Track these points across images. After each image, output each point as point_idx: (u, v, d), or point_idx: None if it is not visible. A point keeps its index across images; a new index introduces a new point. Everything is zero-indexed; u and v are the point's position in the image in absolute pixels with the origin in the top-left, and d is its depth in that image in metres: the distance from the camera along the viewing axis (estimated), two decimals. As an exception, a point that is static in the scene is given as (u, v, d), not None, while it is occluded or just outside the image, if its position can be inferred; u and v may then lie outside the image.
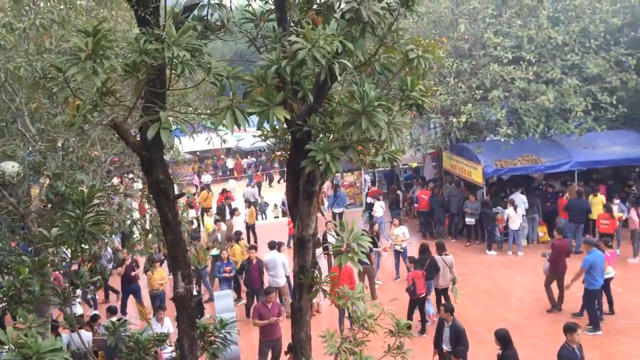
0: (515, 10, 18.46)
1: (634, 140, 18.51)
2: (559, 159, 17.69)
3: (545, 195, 18.43)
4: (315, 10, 5.31)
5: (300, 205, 5.44)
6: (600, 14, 18.07)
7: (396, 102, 5.51)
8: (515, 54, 17.48)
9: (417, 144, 19.72)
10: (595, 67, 17.47)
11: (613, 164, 18.50)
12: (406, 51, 5.37)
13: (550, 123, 18.15)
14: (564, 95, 17.13)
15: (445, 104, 17.42)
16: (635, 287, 14.07)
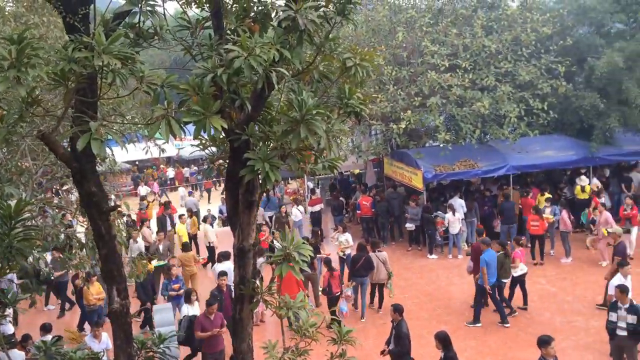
0: (450, 19, 18.94)
1: (564, 145, 19.29)
2: (495, 163, 18.24)
3: (483, 199, 18.95)
4: (252, 18, 5.28)
5: (240, 215, 5.38)
6: (531, 24, 18.75)
7: (335, 110, 5.54)
8: (451, 61, 17.92)
9: (358, 150, 19.91)
10: (527, 74, 18.09)
11: (546, 167, 19.23)
12: (344, 59, 5.40)
13: (486, 129, 18.67)
14: (499, 101, 17.66)
15: (386, 111, 17.66)
16: (567, 287, 14.61)
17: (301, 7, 4.72)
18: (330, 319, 5.45)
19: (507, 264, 13.12)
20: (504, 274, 13.09)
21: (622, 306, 9.90)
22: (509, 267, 13.15)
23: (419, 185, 17.93)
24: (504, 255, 13.16)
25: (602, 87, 18.60)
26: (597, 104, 18.15)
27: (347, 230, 16.15)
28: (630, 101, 17.86)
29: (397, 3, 20.27)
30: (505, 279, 13.19)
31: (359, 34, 19.36)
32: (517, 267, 13.27)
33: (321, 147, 5.01)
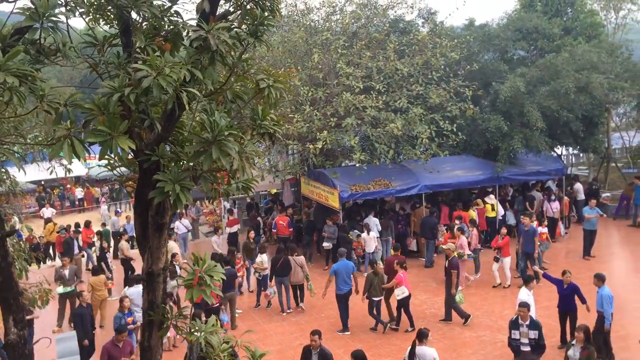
0: (365, 42, 19.44)
1: (472, 165, 20.17)
2: (408, 182, 18.76)
3: (397, 218, 19.40)
4: (163, 37, 5.18)
5: (150, 238, 5.21)
6: (440, 49, 19.58)
7: (248, 131, 5.51)
8: (366, 83, 18.36)
9: (275, 170, 19.91)
10: (437, 97, 18.82)
11: (455, 186, 20.01)
12: (257, 80, 5.39)
13: (399, 149, 19.20)
14: (411, 123, 18.22)
15: (302, 131, 17.79)
16: (477, 302, 15.16)
17: (213, 28, 4.68)
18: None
19: (377, 283, 13.55)
20: (374, 292, 13.55)
21: (524, 323, 10.35)
22: (378, 286, 13.55)
23: (336, 204, 18.13)
24: (373, 274, 13.65)
25: (506, 110, 19.65)
26: (502, 126, 19.12)
27: (265, 251, 16.02)
28: (532, 124, 18.95)
29: (313, 25, 20.61)
30: (376, 296, 13.60)
31: (276, 54, 19.50)
32: (399, 291, 13.48)
33: (234, 168, 4.95)
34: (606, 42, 25.13)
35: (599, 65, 20.56)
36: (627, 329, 12.98)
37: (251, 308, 15.81)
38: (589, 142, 22.95)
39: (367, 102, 17.74)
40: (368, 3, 20.92)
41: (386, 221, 18.63)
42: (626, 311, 14.18)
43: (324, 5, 21.05)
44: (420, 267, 18.21)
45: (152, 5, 5.02)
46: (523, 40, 23.30)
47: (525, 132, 19.46)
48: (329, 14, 21.07)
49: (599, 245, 18.75)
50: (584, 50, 20.80)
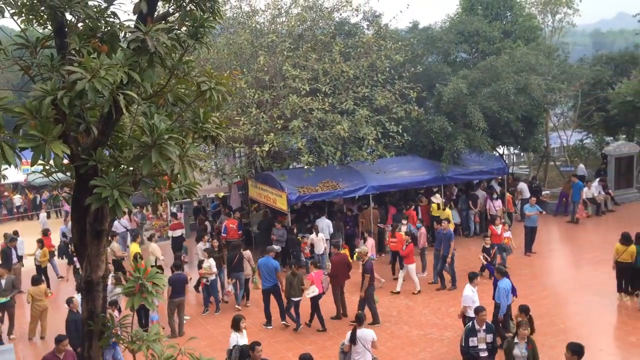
0: (310, 44, 19.49)
1: (418, 165, 20.50)
2: (355, 184, 18.91)
3: (346, 219, 19.52)
4: (99, 38, 5.04)
5: (88, 245, 5.06)
6: (385, 51, 19.82)
7: (189, 134, 5.42)
8: (312, 85, 18.41)
9: (222, 173, 19.70)
10: (383, 99, 19.03)
11: (402, 187, 20.30)
12: (198, 83, 5.32)
13: (346, 151, 19.34)
14: (357, 124, 18.37)
15: (249, 134, 17.68)
16: (424, 300, 15.42)
17: (151, 29, 4.58)
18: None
19: (296, 283, 13.83)
20: (293, 292, 13.82)
21: (481, 328, 10.10)
22: (297, 286, 13.84)
23: (284, 207, 18.08)
24: (292, 275, 13.92)
25: (450, 111, 20.09)
26: (446, 127, 19.51)
27: (212, 256, 15.82)
28: (474, 124, 19.41)
29: (259, 27, 20.52)
30: (295, 297, 13.85)
31: (221, 56, 19.32)
32: (309, 290, 13.85)
33: (175, 172, 4.86)
34: (544, 44, 25.97)
35: (537, 67, 21.26)
36: (566, 323, 13.45)
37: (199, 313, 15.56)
38: (529, 141, 23.74)
39: (313, 104, 17.78)
40: (313, 6, 20.98)
41: (337, 222, 18.72)
42: (566, 305, 14.71)
43: (270, 8, 21.02)
44: (369, 268, 18.35)
45: (87, 6, 4.89)
46: (465, 43, 23.84)
47: (468, 132, 19.91)
48: (274, 16, 21.04)
49: (540, 241, 19.36)
50: (523, 52, 21.45)
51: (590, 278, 16.21)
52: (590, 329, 13.01)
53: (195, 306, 16.18)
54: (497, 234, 16.74)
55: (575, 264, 18.00)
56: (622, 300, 14.47)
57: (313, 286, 13.84)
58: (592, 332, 12.86)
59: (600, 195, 22.92)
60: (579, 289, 15.60)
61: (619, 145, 24.90)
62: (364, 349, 10.17)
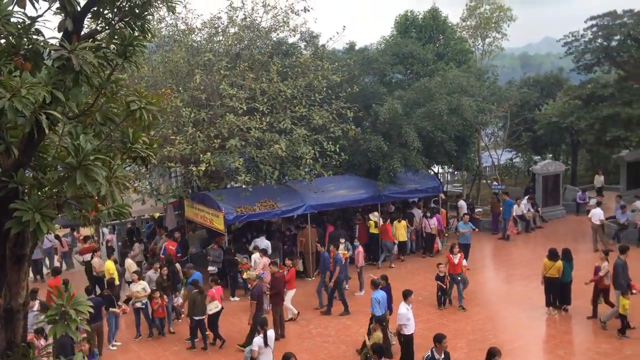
0: (248, 64, 19.47)
1: (355, 184, 20.73)
2: (293, 203, 18.90)
3: (283, 238, 19.45)
4: (22, 56, 4.86)
5: (8, 271, 4.81)
6: (322, 71, 20.04)
7: (118, 154, 5.28)
8: (249, 105, 18.36)
9: (157, 193, 19.29)
10: (320, 118, 19.18)
11: (340, 205, 20.43)
12: (127, 102, 5.20)
13: (284, 170, 19.34)
14: (295, 144, 18.42)
15: (185, 153, 17.41)
16: (361, 319, 15.44)
17: (76, 47, 4.46)
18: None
19: (200, 301, 13.76)
20: (197, 310, 13.76)
21: (440, 357, 9.80)
22: (200, 304, 13.78)
23: (221, 227, 17.84)
24: (198, 293, 13.84)
25: (386, 131, 20.45)
26: (382, 146, 19.83)
27: (144, 278, 15.36)
28: (409, 144, 19.83)
29: (195, 46, 20.35)
30: (197, 315, 13.79)
31: (157, 75, 19.02)
32: (210, 307, 13.86)
33: (102, 194, 4.71)
34: (474, 67, 27.00)
35: (468, 89, 21.98)
36: (498, 337, 13.79)
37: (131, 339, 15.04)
38: (462, 160, 24.46)
39: (251, 123, 17.72)
40: (251, 25, 21.00)
41: (275, 242, 18.61)
42: (497, 320, 15.12)
43: (206, 26, 20.90)
44: (307, 287, 18.27)
45: (9, 22, 4.71)
46: (400, 65, 24.45)
47: (403, 151, 20.30)
48: (211, 35, 20.94)
49: (473, 258, 19.87)
50: (455, 74, 22.16)
51: (521, 293, 16.73)
52: (521, 343, 13.40)
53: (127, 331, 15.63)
54: (453, 264, 15.82)
55: (507, 279, 18.56)
56: (550, 314, 14.98)
57: (215, 302, 13.79)
58: (523, 346, 13.25)
59: (529, 213, 23.79)
60: (510, 303, 16.07)
61: (546, 164, 25.99)
62: (269, 350, 11.08)
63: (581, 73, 29.70)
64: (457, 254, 15.97)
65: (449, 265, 15.93)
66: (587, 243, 20.73)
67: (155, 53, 20.53)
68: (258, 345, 10.96)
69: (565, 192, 26.69)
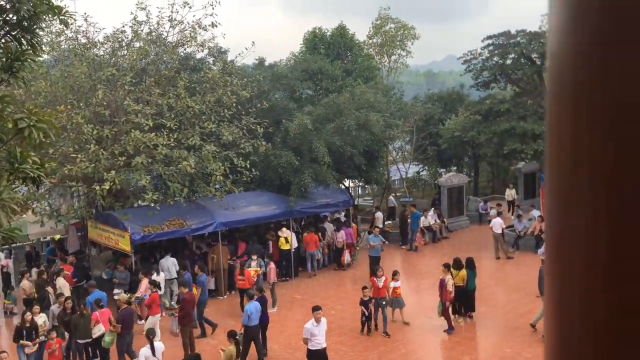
0: (154, 79, 19.01)
1: (267, 200, 20.67)
2: (203, 221, 18.56)
3: (194, 257, 19.02)
4: None
5: None
6: (231, 87, 19.88)
7: (4, 175, 4.96)
8: (156, 121, 17.88)
9: (57, 214, 18.31)
10: (230, 134, 18.99)
11: (252, 222, 20.28)
12: (15, 120, 4.91)
13: (194, 187, 18.97)
14: (204, 160, 18.12)
15: (87, 171, 16.67)
16: (274, 336, 15.35)
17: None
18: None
19: (83, 325, 13.38)
20: (79, 333, 13.38)
21: None
22: (83, 327, 13.39)
23: (127, 247, 17.19)
24: (80, 316, 13.50)
25: (296, 146, 20.53)
26: (293, 161, 19.90)
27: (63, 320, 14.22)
28: (320, 159, 20.02)
29: (98, 60, 19.63)
30: (80, 339, 13.41)
31: (56, 90, 18.15)
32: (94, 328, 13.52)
33: (-15, 218, 4.40)
34: (381, 83, 27.78)
35: (376, 105, 22.54)
36: (407, 347, 14.13)
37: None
38: (371, 174, 25.00)
39: (158, 140, 17.24)
40: (157, 40, 20.54)
41: (183, 261, 18.13)
42: (407, 329, 15.47)
43: (109, 40, 20.22)
44: (219, 305, 17.95)
45: None
46: (309, 80, 24.73)
47: (314, 167, 20.46)
48: (114, 49, 20.26)
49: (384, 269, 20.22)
50: (362, 90, 22.68)
51: (429, 302, 17.19)
52: (429, 351, 13.82)
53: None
54: (378, 287, 15.23)
55: (416, 289, 19.08)
56: (456, 322, 15.52)
57: (99, 325, 13.38)
58: (431, 354, 13.64)
59: (435, 224, 24.65)
60: (419, 312, 16.50)
61: (450, 177, 27.09)
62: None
63: (480, 89, 31.36)
64: (382, 277, 15.43)
65: (374, 289, 15.28)
66: (490, 252, 21.71)
67: (55, 67, 19.61)
68: (145, 356, 10.76)
69: (468, 203, 27.90)
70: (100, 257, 20.00)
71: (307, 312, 16.06)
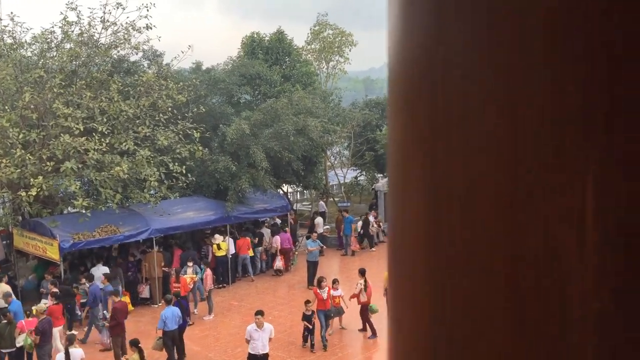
0: (86, 81, 18.44)
1: (203, 206, 20.36)
2: (137, 227, 18.10)
3: (127, 265, 18.53)
4: None
5: None
6: (167, 91, 19.48)
7: None
8: (87, 125, 17.34)
9: (-23, 224, 17.49)
10: (166, 139, 18.61)
11: (188, 228, 19.94)
12: None
13: (127, 193, 18.46)
14: (138, 165, 17.69)
15: (12, 177, 15.96)
16: (210, 343, 15.17)
17: None
18: None
19: (8, 333, 12.94)
20: (4, 342, 12.92)
21: None
22: (9, 336, 12.96)
23: (55, 256, 16.53)
24: (6, 324, 13.02)
25: (234, 151, 20.37)
26: (230, 167, 19.70)
27: None
28: (257, 164, 19.92)
29: (25, 61, 18.88)
30: (5, 348, 12.90)
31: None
32: (18, 338, 13.10)
33: None
34: (320, 89, 27.97)
35: (314, 110, 22.65)
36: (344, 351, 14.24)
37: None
38: (310, 179, 25.07)
39: (89, 144, 16.70)
40: (88, 41, 19.93)
41: (115, 270, 17.62)
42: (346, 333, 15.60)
43: (37, 41, 19.49)
44: (155, 314, 17.49)
45: None
46: (248, 85, 24.61)
47: (252, 172, 20.33)
48: (43, 50, 19.54)
49: (321, 274, 20.30)
50: (300, 96, 22.75)
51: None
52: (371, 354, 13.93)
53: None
54: (322, 299, 14.67)
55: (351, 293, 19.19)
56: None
57: (23, 335, 12.92)
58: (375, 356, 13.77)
59: (372, 228, 24.94)
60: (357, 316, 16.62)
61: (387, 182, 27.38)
62: None
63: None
64: (325, 288, 14.80)
65: (317, 302, 14.57)
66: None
67: None
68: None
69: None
70: (27, 266, 19.17)
71: (244, 318, 16.01)
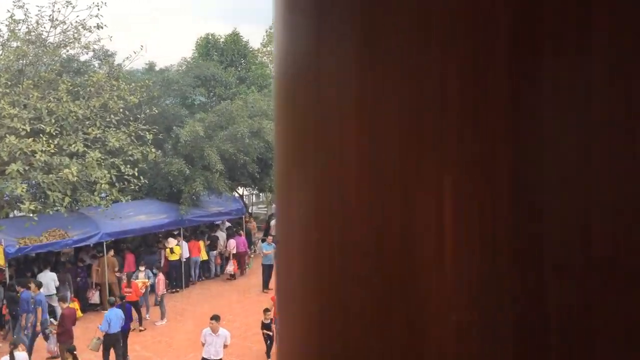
0: (33, 81, 17.88)
1: (156, 209, 20.01)
2: (87, 231, 17.64)
3: (76, 270, 18.04)
4: None
5: None
6: (118, 91, 19.07)
7: None
8: (35, 126, 16.83)
9: None
10: (117, 141, 18.19)
11: (140, 232, 19.56)
12: None
13: (77, 196, 17.96)
14: (88, 168, 17.24)
15: (-46, 180, 15.38)
16: (162, 349, 14.91)
17: None
18: None
19: None
20: None
21: None
22: None
23: (0, 262, 15.97)
24: None
25: (188, 153, 20.07)
26: (184, 169, 19.43)
27: None
28: (212, 167, 19.70)
29: (-31, 60, 18.21)
30: None
31: None
32: None
33: None
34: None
35: (269, 113, 22.52)
36: None
37: None
38: (266, 182, 24.88)
39: (36, 146, 16.19)
40: (36, 40, 19.34)
41: (63, 275, 17.10)
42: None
43: (-19, 39, 18.82)
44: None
45: None
46: (202, 87, 24.31)
47: (206, 174, 20.08)
48: (-13, 48, 18.88)
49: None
50: (255, 98, 22.64)
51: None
52: None
53: None
54: None
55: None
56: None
57: None
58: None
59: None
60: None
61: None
62: None
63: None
64: None
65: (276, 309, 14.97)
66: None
67: None
68: None
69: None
70: None
71: (197, 323, 15.78)
